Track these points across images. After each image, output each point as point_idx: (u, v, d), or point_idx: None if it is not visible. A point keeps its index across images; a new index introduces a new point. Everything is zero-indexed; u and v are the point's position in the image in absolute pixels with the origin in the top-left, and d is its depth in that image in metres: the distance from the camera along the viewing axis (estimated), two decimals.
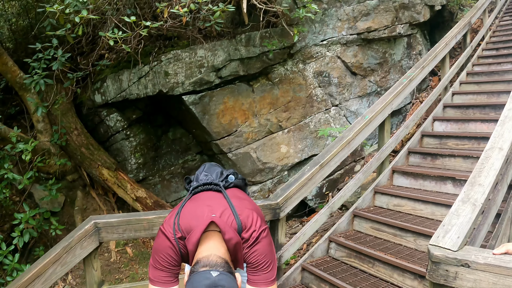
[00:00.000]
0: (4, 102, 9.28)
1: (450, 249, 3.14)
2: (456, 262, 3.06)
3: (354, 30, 9.67)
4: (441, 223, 3.45)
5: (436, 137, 8.06)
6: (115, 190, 8.35)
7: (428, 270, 3.23)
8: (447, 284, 3.15)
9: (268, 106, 8.92)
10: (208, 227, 2.62)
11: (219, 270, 2.41)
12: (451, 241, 3.21)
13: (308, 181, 5.92)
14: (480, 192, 3.63)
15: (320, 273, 5.88)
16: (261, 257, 2.70)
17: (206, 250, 2.55)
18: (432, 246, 3.25)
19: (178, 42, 8.58)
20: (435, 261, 3.15)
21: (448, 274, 3.11)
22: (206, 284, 2.32)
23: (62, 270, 4.31)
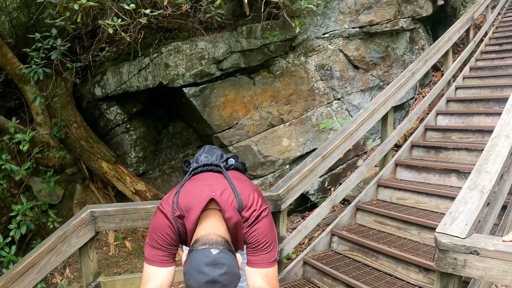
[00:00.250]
0: (4, 96, 9.20)
1: (458, 237, 3.05)
2: (465, 250, 2.96)
3: (356, 23, 9.57)
4: (448, 211, 3.35)
5: (439, 130, 7.98)
6: (114, 183, 8.26)
7: (435, 259, 3.13)
8: (456, 273, 3.05)
9: (270, 99, 8.83)
10: (207, 205, 2.53)
11: (219, 248, 2.31)
12: (459, 229, 3.11)
13: (310, 172, 5.84)
14: (487, 179, 3.54)
15: (322, 267, 5.78)
16: (261, 237, 2.61)
17: (205, 229, 2.46)
18: (439, 233, 3.16)
19: (178, 34, 8.50)
20: (443, 249, 3.06)
21: (457, 263, 3.01)
22: (206, 262, 2.23)
23: (57, 259, 4.22)
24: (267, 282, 2.57)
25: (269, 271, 2.61)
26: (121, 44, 8.86)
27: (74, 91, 9.03)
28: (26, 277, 4.01)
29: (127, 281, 4.81)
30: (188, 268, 2.29)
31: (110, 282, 4.67)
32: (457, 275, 3.07)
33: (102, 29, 7.84)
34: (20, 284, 3.98)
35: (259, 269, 2.60)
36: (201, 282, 2.21)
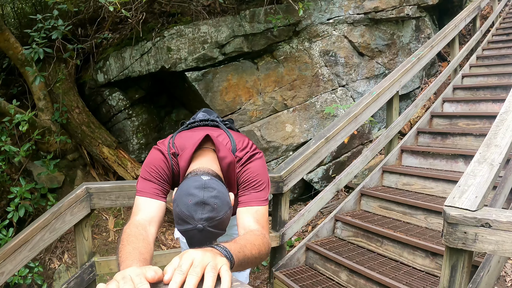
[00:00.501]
0: (7, 84, 9.13)
1: (468, 209, 2.93)
2: (476, 222, 2.84)
3: (361, 9, 9.44)
4: (456, 184, 3.25)
5: (446, 117, 7.89)
6: (115, 169, 8.17)
7: (444, 234, 3.02)
8: (466, 248, 2.94)
9: (273, 84, 8.71)
10: (202, 144, 2.53)
11: (210, 175, 2.29)
12: (468, 201, 3.00)
13: (313, 154, 5.77)
14: (497, 152, 3.43)
15: (325, 252, 5.69)
16: (253, 175, 2.59)
17: (198, 165, 2.43)
18: (448, 207, 3.05)
19: (181, 18, 8.41)
20: (452, 222, 2.94)
21: (467, 237, 2.89)
22: (196, 185, 2.18)
23: (51, 237, 4.15)
24: (255, 220, 2.46)
25: (259, 209, 2.53)
26: (123, 30, 8.78)
27: (76, 78, 8.96)
28: (19, 254, 3.94)
29: None
30: (177, 194, 2.23)
31: (104, 262, 4.61)
32: (467, 250, 2.96)
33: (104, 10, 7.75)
34: (13, 261, 3.92)
35: (249, 207, 2.52)
36: (189, 204, 2.14)
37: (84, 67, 9.01)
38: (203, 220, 2.13)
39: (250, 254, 2.03)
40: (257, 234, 2.29)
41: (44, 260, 6.98)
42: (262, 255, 2.20)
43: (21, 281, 5.86)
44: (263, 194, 2.58)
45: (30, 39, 7.54)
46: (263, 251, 2.21)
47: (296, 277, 5.56)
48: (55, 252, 7.12)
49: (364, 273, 5.05)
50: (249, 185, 2.57)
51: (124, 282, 1.34)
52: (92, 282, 4.54)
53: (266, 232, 2.44)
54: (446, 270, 3.10)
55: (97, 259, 4.54)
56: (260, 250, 2.17)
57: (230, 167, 2.52)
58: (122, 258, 2.01)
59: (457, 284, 3.05)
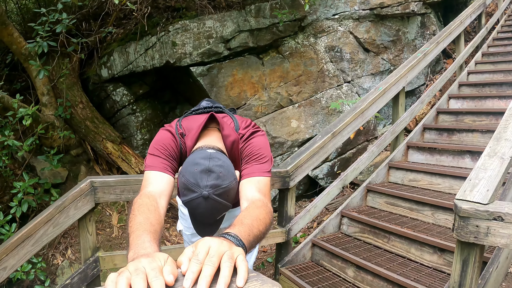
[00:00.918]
0: (11, 79, 9.11)
1: (480, 203, 2.88)
2: (488, 216, 2.79)
3: (367, 5, 9.41)
4: (467, 178, 3.18)
5: (452, 113, 7.83)
6: (119, 164, 8.13)
7: (455, 228, 2.96)
8: (478, 242, 2.88)
9: (278, 80, 8.66)
10: (208, 124, 2.59)
11: (216, 149, 2.35)
12: (480, 194, 2.94)
13: (319, 149, 5.73)
14: (507, 146, 3.37)
15: (331, 248, 5.64)
16: (255, 149, 2.60)
17: (204, 143, 2.48)
18: (459, 200, 2.99)
19: (186, 13, 8.38)
20: (464, 215, 2.88)
21: (479, 231, 2.84)
22: (202, 156, 2.24)
23: (55, 231, 4.10)
24: (257, 189, 2.44)
25: (261, 179, 2.51)
26: (128, 25, 8.74)
27: (80, 73, 8.93)
28: (22, 248, 3.89)
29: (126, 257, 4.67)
30: (183, 166, 2.28)
31: (109, 257, 4.56)
32: (479, 244, 2.90)
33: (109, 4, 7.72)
34: (15, 256, 3.86)
35: (252, 178, 2.50)
36: (195, 172, 2.18)
37: (88, 62, 8.97)
38: (209, 187, 2.15)
39: (257, 232, 2.02)
40: (260, 206, 2.25)
41: (47, 256, 6.95)
42: (268, 227, 2.19)
43: (24, 276, 5.82)
44: (266, 166, 2.58)
45: (34, 33, 7.52)
46: (268, 223, 2.20)
47: (302, 273, 5.51)
48: (58, 248, 7.09)
49: (371, 269, 5.00)
50: (251, 157, 2.58)
51: (137, 274, 1.30)
52: (96, 278, 4.49)
53: (268, 201, 2.42)
54: (457, 265, 3.05)
55: (101, 254, 4.49)
56: (266, 224, 2.15)
57: (234, 145, 2.57)
58: (132, 228, 2.00)
59: (468, 278, 3.00)
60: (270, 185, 3.26)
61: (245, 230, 1.89)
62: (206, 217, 2.23)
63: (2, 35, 7.50)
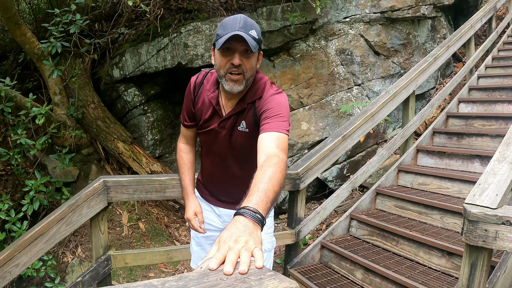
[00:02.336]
0: (23, 78, 9.18)
1: (489, 207, 2.92)
2: (497, 220, 2.82)
3: (378, 8, 9.42)
4: (477, 183, 3.22)
5: (461, 118, 7.85)
6: (130, 164, 8.18)
7: (464, 231, 3.00)
8: (486, 246, 2.92)
9: (289, 82, 8.70)
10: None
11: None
12: (489, 199, 2.98)
13: (330, 152, 5.77)
14: None
15: (340, 251, 5.68)
16: (277, 106, 2.79)
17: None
18: (468, 204, 3.02)
19: (198, 15, 8.42)
20: (473, 219, 2.92)
21: (488, 235, 2.87)
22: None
23: (67, 229, 4.15)
24: (277, 145, 2.55)
25: (280, 135, 2.63)
26: (139, 26, 8.80)
27: (92, 74, 8.99)
28: (34, 246, 3.94)
29: (138, 256, 4.74)
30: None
31: (120, 256, 4.61)
32: (487, 248, 2.94)
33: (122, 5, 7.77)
34: (28, 253, 3.92)
35: (271, 133, 2.63)
36: (232, 19, 2.71)
37: (100, 62, 9.03)
38: (241, 28, 2.63)
39: (273, 195, 2.14)
40: (276, 163, 2.36)
41: (57, 254, 7.00)
42: (282, 186, 2.32)
43: (34, 273, 5.86)
44: (286, 125, 2.70)
45: (48, 33, 7.58)
46: (282, 181, 2.31)
47: (311, 274, 5.55)
48: (68, 246, 7.14)
49: (379, 271, 5.04)
50: (272, 113, 2.73)
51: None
52: (107, 276, 4.55)
53: (285, 156, 2.55)
54: (466, 268, 3.08)
55: (112, 253, 4.54)
56: (280, 183, 2.26)
57: (261, 87, 2.94)
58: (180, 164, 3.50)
59: (476, 282, 3.03)
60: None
61: (262, 198, 2.03)
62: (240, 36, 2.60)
63: (15, 35, 7.57)
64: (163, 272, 7.15)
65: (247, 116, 2.97)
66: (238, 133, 3.04)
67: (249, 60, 2.75)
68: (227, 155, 3.19)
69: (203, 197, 3.51)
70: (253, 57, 2.78)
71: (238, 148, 3.11)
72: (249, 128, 2.99)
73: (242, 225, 1.80)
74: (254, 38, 2.66)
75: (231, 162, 3.22)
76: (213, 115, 3.08)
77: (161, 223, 8.08)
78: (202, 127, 3.19)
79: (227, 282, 1.29)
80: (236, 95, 2.93)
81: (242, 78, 2.77)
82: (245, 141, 3.05)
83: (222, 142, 3.13)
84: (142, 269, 7.04)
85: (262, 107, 2.83)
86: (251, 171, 2.42)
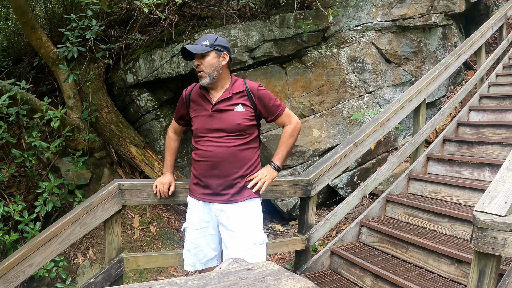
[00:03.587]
0: (37, 82, 9.27)
1: (498, 214, 2.97)
2: (505, 227, 2.87)
3: (389, 16, 9.46)
4: (486, 190, 3.27)
5: (472, 126, 7.86)
6: (142, 168, 8.25)
7: (473, 238, 3.04)
8: (495, 253, 2.96)
9: (301, 89, 8.76)
10: None
11: None
12: (498, 207, 3.03)
13: (341, 159, 5.81)
14: None
15: (350, 257, 5.71)
16: (268, 97, 4.04)
17: None
18: (478, 212, 3.07)
19: (211, 22, 8.50)
20: (482, 227, 2.97)
21: (496, 242, 2.92)
22: None
23: (81, 231, 4.23)
24: (287, 121, 4.18)
25: (283, 112, 4.13)
26: (153, 32, 8.89)
27: (105, 78, 9.08)
28: (49, 246, 4.01)
29: (150, 259, 4.80)
30: None
31: (133, 258, 4.66)
32: (496, 255, 2.98)
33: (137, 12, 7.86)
34: (42, 254, 3.99)
35: (279, 118, 4.13)
36: None
37: (114, 67, 9.12)
38: (197, 42, 3.91)
39: (288, 153, 4.23)
40: (290, 133, 4.17)
41: (69, 255, 7.06)
42: (295, 141, 4.27)
43: (46, 274, 5.92)
44: (282, 106, 4.14)
45: (64, 38, 7.68)
46: (296, 137, 4.24)
47: (320, 280, 5.58)
48: (80, 248, 7.21)
49: (389, 278, 5.07)
50: (271, 104, 4.03)
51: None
52: (119, 278, 4.60)
53: (293, 117, 4.21)
54: (474, 275, 3.13)
55: (125, 255, 4.60)
56: (293, 143, 4.25)
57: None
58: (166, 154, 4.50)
59: None
60: (292, 187, 5.29)
61: (280, 158, 4.17)
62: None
63: (31, 39, 7.67)
64: (173, 275, 7.20)
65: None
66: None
67: (204, 60, 3.79)
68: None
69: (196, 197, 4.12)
70: (208, 56, 3.78)
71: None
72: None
73: (267, 169, 4.11)
74: (205, 45, 3.79)
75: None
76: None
77: (171, 227, 8.14)
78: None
79: (246, 282, 1.35)
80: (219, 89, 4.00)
81: (204, 73, 3.81)
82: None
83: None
84: (152, 272, 7.10)
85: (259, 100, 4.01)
86: None
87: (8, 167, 7.17)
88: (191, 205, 4.12)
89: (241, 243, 3.84)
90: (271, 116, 4.05)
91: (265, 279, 1.38)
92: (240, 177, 3.91)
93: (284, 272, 1.46)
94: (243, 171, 3.92)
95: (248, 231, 3.88)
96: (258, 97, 3.91)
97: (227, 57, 3.90)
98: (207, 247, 4.07)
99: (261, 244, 3.91)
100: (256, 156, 4.05)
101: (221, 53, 3.85)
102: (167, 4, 7.92)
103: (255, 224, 3.96)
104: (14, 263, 3.82)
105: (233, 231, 3.87)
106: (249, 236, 3.86)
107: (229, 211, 3.90)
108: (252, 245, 3.85)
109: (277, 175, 4.18)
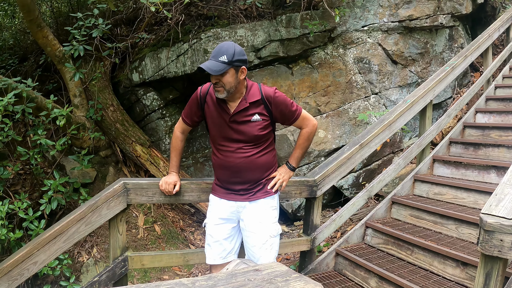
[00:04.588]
0: (43, 80, 9.28)
1: (505, 217, 2.94)
2: None
3: (396, 17, 9.43)
4: (493, 193, 3.25)
5: (478, 128, 7.82)
6: (147, 167, 8.26)
7: (480, 241, 3.02)
8: (502, 256, 2.93)
9: (307, 90, 8.75)
10: None
11: None
12: (505, 209, 3.00)
13: (347, 160, 5.79)
14: None
15: (355, 258, 5.68)
16: (285, 103, 4.09)
17: None
18: (485, 214, 3.04)
19: (218, 22, 8.50)
20: (488, 229, 2.94)
21: (503, 244, 2.89)
22: None
23: (86, 229, 4.22)
24: (305, 125, 4.27)
25: (300, 117, 4.21)
26: (159, 31, 8.89)
27: (111, 77, 9.09)
28: (53, 244, 4.01)
29: (155, 258, 4.80)
30: None
31: (137, 257, 4.65)
32: (502, 258, 2.96)
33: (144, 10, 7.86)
34: (46, 252, 3.98)
35: (296, 122, 4.23)
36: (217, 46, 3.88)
37: (119, 66, 9.14)
38: (213, 57, 3.74)
39: (302, 155, 4.46)
40: (306, 137, 4.31)
41: (73, 253, 7.07)
42: (311, 142, 4.42)
43: (50, 272, 5.91)
44: (299, 111, 4.19)
45: (70, 37, 7.69)
46: (311, 140, 4.40)
47: (325, 282, 5.56)
48: (84, 246, 7.22)
49: (394, 280, 5.05)
50: (287, 110, 4.10)
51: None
52: (123, 276, 4.59)
53: (310, 118, 4.28)
54: (480, 278, 3.10)
55: (130, 254, 4.59)
56: (309, 145, 4.42)
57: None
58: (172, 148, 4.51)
59: None
60: (298, 187, 5.31)
61: (295, 160, 4.41)
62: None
63: (37, 37, 7.68)
64: (177, 275, 7.20)
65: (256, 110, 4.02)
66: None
67: (223, 77, 3.70)
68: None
69: (219, 195, 4.31)
70: (227, 74, 3.69)
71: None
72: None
73: (285, 169, 4.35)
74: (223, 61, 3.64)
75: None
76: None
77: (176, 227, 8.14)
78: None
79: (255, 283, 1.34)
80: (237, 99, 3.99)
81: (223, 89, 3.77)
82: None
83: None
84: (156, 271, 7.10)
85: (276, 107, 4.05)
86: None
87: (13, 164, 7.17)
88: (212, 202, 4.34)
89: (260, 237, 4.12)
90: (287, 121, 4.20)
91: (273, 280, 1.37)
92: (260, 179, 4.16)
93: (292, 273, 1.45)
94: (262, 175, 4.16)
95: (266, 225, 4.14)
96: (274, 104, 3.98)
97: (245, 71, 3.87)
98: (226, 242, 4.23)
99: (276, 236, 4.22)
100: (273, 158, 4.28)
101: (239, 68, 3.78)
102: (173, 3, 7.92)
103: (272, 219, 4.23)
104: (18, 261, 3.82)
105: (253, 226, 4.13)
106: (266, 230, 4.13)
107: (250, 207, 4.16)
108: (269, 238, 4.14)
109: (293, 174, 4.46)
